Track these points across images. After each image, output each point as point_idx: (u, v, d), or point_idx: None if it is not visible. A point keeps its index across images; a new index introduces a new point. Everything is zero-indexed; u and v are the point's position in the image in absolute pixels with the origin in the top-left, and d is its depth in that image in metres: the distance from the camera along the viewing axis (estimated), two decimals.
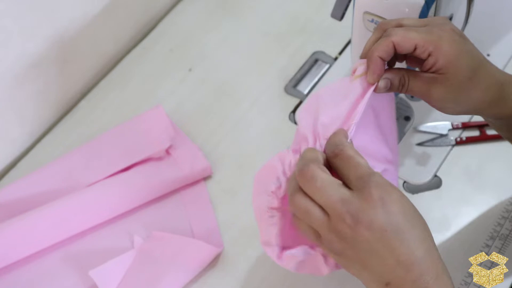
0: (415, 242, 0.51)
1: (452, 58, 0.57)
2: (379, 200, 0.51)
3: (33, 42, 0.82)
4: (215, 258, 0.76)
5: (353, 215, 0.51)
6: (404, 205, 0.52)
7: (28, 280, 0.76)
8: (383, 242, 0.51)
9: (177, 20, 0.99)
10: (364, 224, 0.51)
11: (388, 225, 0.51)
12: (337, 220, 0.52)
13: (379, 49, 0.57)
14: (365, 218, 0.51)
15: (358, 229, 0.51)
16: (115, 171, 0.81)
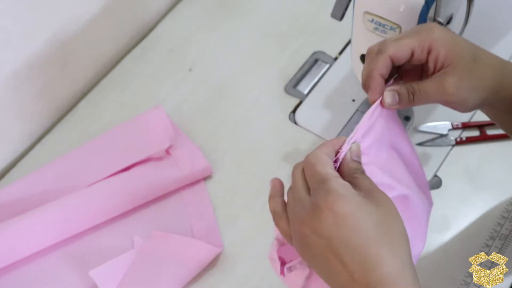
0: (374, 262, 0.48)
1: (451, 45, 0.56)
2: (325, 209, 0.49)
3: (33, 42, 0.82)
4: (215, 258, 0.76)
5: (302, 219, 0.51)
6: (361, 221, 0.49)
7: (28, 280, 0.76)
8: (332, 252, 0.49)
9: (177, 20, 0.99)
10: (312, 232, 0.50)
11: (335, 236, 0.49)
12: (292, 222, 0.52)
13: (378, 67, 0.56)
14: (312, 226, 0.50)
15: (303, 228, 0.51)
16: (115, 171, 0.81)
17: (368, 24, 0.67)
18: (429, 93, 0.57)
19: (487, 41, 0.89)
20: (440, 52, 0.56)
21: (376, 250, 0.48)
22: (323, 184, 0.51)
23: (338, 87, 0.89)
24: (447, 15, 0.70)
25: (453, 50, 0.57)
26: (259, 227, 0.78)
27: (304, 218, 0.51)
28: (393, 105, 0.57)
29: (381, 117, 0.58)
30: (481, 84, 0.58)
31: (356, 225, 0.49)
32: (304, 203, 0.52)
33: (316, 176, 0.52)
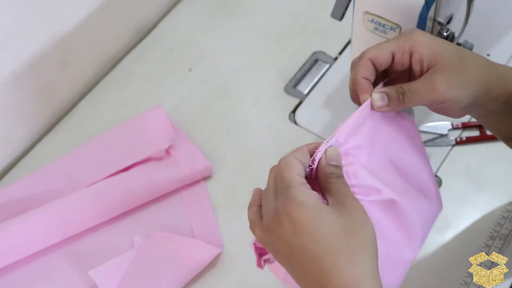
0: (330, 271, 0.48)
1: (434, 46, 0.56)
2: (284, 215, 0.50)
3: (33, 42, 0.82)
4: (215, 258, 0.76)
5: (267, 224, 0.52)
6: (320, 229, 0.49)
7: (28, 280, 0.76)
8: (295, 259, 0.50)
9: (177, 20, 0.99)
10: (275, 236, 0.51)
11: (295, 242, 0.49)
12: (263, 225, 0.53)
13: (359, 70, 0.56)
14: (274, 231, 0.51)
15: (270, 234, 0.51)
16: (115, 171, 0.81)
17: (368, 24, 0.67)
18: (420, 92, 0.56)
19: (487, 41, 0.89)
20: (423, 53, 0.56)
21: (332, 259, 0.48)
22: (285, 191, 0.51)
23: (338, 87, 0.89)
24: (447, 15, 0.70)
25: (436, 51, 0.56)
26: None
27: (269, 223, 0.51)
28: (383, 107, 0.57)
29: (372, 119, 0.57)
30: (470, 82, 0.57)
31: (314, 233, 0.49)
32: (270, 207, 0.52)
33: (282, 181, 0.52)
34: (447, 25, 0.70)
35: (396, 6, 0.64)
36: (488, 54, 0.89)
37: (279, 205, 0.50)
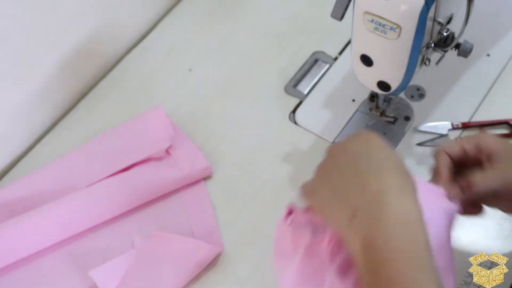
0: (389, 174, 0.53)
1: (499, 143, 0.63)
2: (364, 135, 0.58)
3: (33, 43, 0.82)
4: (215, 258, 0.76)
5: (334, 148, 0.59)
6: (389, 153, 0.56)
7: (28, 280, 0.76)
8: (354, 165, 0.55)
9: (177, 20, 0.99)
10: (341, 150, 0.58)
11: (361, 152, 0.55)
12: (326, 158, 0.59)
13: (441, 161, 0.64)
14: (343, 146, 0.58)
15: (334, 156, 0.58)
16: (115, 171, 0.81)
17: (368, 24, 0.67)
18: (491, 181, 0.62)
19: (487, 41, 0.89)
20: (491, 149, 0.62)
21: (393, 167, 0.54)
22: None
23: (338, 87, 0.89)
24: (447, 15, 0.70)
25: (502, 147, 0.62)
26: (259, 227, 0.78)
27: (337, 145, 0.60)
28: (456, 196, 0.61)
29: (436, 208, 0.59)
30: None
31: (384, 147, 0.57)
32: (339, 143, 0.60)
33: None
34: (447, 25, 0.70)
35: (396, 6, 0.64)
36: (488, 54, 0.89)
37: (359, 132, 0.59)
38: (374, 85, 0.75)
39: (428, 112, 0.85)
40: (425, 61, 0.73)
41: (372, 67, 0.72)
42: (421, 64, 0.73)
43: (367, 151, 0.56)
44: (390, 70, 0.72)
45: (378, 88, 0.75)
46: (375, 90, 0.76)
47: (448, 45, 0.71)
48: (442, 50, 0.71)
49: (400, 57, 0.69)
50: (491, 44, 0.89)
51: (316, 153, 0.83)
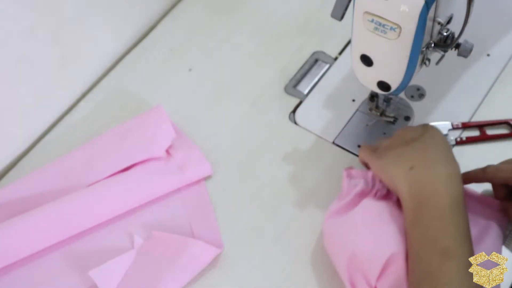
0: (446, 149, 0.68)
1: None
2: (432, 128, 0.71)
3: (33, 42, 0.82)
4: (215, 258, 0.76)
5: (406, 129, 0.73)
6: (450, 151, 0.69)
7: (28, 280, 0.76)
8: (422, 141, 0.68)
9: (177, 20, 0.99)
10: (413, 132, 0.71)
11: (431, 137, 0.69)
12: (395, 135, 0.73)
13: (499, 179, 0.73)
14: (411, 131, 0.71)
15: (405, 133, 0.72)
16: (115, 171, 0.81)
17: (368, 24, 0.67)
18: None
19: (487, 41, 0.89)
20: None
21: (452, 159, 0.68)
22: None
23: (338, 87, 0.89)
24: (447, 15, 0.70)
25: None
26: (259, 227, 0.78)
27: (405, 128, 0.73)
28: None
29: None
30: None
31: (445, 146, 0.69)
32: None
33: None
34: (447, 25, 0.70)
35: (396, 6, 0.64)
36: (488, 54, 0.89)
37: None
38: (374, 85, 0.75)
39: (428, 112, 0.85)
40: (425, 61, 0.73)
41: (372, 67, 0.72)
42: (421, 64, 0.73)
43: (434, 139, 0.69)
44: (390, 70, 0.72)
45: (378, 88, 0.75)
46: (375, 90, 0.76)
47: (448, 45, 0.71)
48: (442, 50, 0.71)
49: (400, 57, 0.69)
50: (491, 44, 0.89)
51: (316, 153, 0.83)
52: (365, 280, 0.67)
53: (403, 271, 0.66)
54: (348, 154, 0.83)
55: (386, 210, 0.71)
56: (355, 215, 0.72)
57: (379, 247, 0.68)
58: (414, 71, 0.71)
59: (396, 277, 0.66)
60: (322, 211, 0.77)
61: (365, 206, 0.72)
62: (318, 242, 0.76)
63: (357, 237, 0.70)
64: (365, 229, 0.70)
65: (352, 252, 0.68)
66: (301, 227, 0.78)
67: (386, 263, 0.66)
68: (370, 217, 0.71)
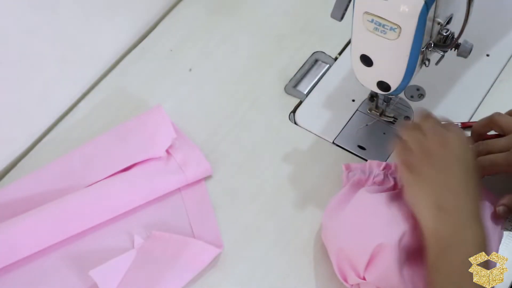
0: (472, 184, 0.67)
1: None
2: (463, 140, 0.70)
3: (33, 42, 0.82)
4: (215, 258, 0.76)
5: (443, 135, 0.69)
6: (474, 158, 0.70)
7: (28, 280, 0.76)
8: (453, 165, 0.67)
9: (177, 20, 0.99)
10: (446, 144, 0.68)
11: (463, 155, 0.68)
12: (430, 137, 0.69)
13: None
14: (449, 139, 0.69)
15: (441, 145, 0.68)
16: (115, 171, 0.81)
17: (368, 24, 0.67)
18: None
19: (487, 41, 0.89)
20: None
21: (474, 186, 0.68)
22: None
23: (338, 87, 0.89)
24: (447, 15, 0.70)
25: None
26: (259, 227, 0.78)
27: (438, 132, 0.70)
28: (505, 214, 0.74)
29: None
30: None
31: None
32: (445, 131, 0.71)
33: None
34: (447, 25, 0.70)
35: (396, 6, 0.64)
36: (487, 54, 0.89)
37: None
38: (374, 85, 0.75)
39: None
40: (425, 61, 0.73)
41: (372, 67, 0.72)
42: (421, 64, 0.73)
43: (464, 157, 0.68)
44: (390, 70, 0.72)
45: (378, 88, 0.75)
46: (375, 90, 0.76)
47: (448, 45, 0.71)
48: (442, 50, 0.71)
49: (400, 57, 0.69)
50: (490, 44, 0.89)
51: (316, 153, 0.83)
52: (354, 271, 0.69)
53: (392, 260, 0.67)
54: (348, 154, 0.83)
55: (377, 203, 0.72)
56: (347, 210, 0.73)
57: (365, 239, 0.69)
58: (414, 71, 0.71)
59: (384, 266, 0.67)
60: (322, 211, 0.77)
61: (357, 200, 0.73)
62: (318, 242, 0.76)
63: (346, 232, 0.71)
64: (353, 224, 0.72)
65: (341, 246, 0.71)
66: (301, 227, 0.78)
67: (373, 253, 0.68)
68: (359, 212, 0.72)
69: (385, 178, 0.75)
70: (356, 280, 0.69)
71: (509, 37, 0.90)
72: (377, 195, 0.73)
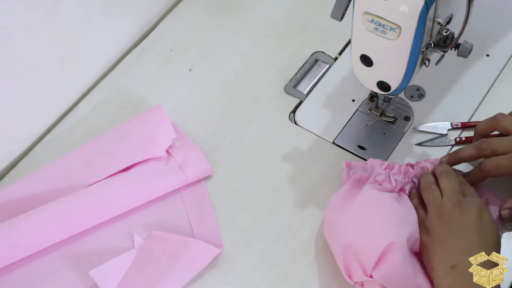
0: (488, 248, 0.66)
1: None
2: (483, 206, 0.70)
3: (33, 42, 0.82)
4: (215, 258, 0.76)
5: (459, 200, 0.70)
6: (493, 224, 0.70)
7: (28, 280, 0.76)
8: (467, 229, 0.68)
9: (177, 20, 0.99)
10: (462, 209, 0.69)
11: (477, 220, 0.68)
12: (446, 200, 0.70)
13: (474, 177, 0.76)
14: (464, 205, 0.69)
15: (455, 209, 0.69)
16: (115, 171, 0.81)
17: (368, 24, 0.67)
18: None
19: (487, 41, 0.89)
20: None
21: (491, 245, 0.68)
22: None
23: (338, 87, 0.89)
24: (447, 15, 0.70)
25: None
26: (259, 227, 0.78)
27: (462, 202, 0.70)
28: (510, 217, 0.75)
29: None
30: None
31: (491, 224, 0.71)
32: (463, 196, 0.72)
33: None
34: (446, 25, 0.70)
35: (396, 6, 0.64)
36: (487, 54, 0.89)
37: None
38: (374, 85, 0.75)
39: (428, 112, 0.85)
40: (425, 61, 0.73)
41: (372, 67, 0.72)
42: (421, 64, 0.73)
43: (479, 225, 0.69)
44: (390, 70, 0.72)
45: (378, 88, 0.75)
46: (375, 90, 0.76)
47: (447, 45, 0.71)
48: (441, 50, 0.71)
49: (400, 57, 0.69)
50: (490, 44, 0.89)
51: (316, 153, 0.83)
52: (361, 269, 0.69)
53: (399, 260, 0.67)
54: (348, 154, 0.83)
55: (385, 201, 0.72)
56: (354, 205, 0.73)
57: (376, 237, 0.69)
58: (413, 71, 0.71)
59: (391, 265, 0.67)
60: (322, 211, 0.77)
61: (364, 196, 0.73)
62: (318, 242, 0.76)
63: (354, 228, 0.71)
64: (363, 220, 0.71)
65: (349, 242, 0.70)
66: (301, 227, 0.78)
67: (383, 252, 0.67)
68: (368, 208, 0.72)
69: (387, 178, 0.75)
70: (362, 278, 0.69)
71: (509, 37, 0.90)
72: (384, 193, 0.73)
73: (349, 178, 0.77)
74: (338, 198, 0.75)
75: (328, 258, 0.74)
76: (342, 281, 0.73)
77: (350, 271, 0.71)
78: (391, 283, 0.68)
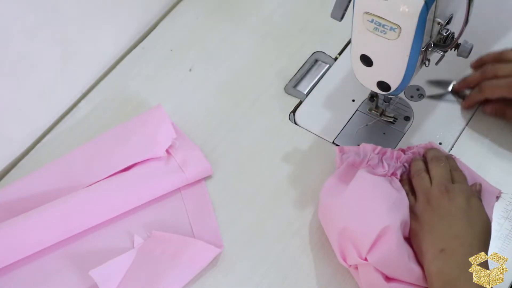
0: (476, 232, 0.68)
1: None
2: (471, 193, 0.72)
3: (33, 42, 0.82)
4: (215, 258, 0.76)
5: (447, 188, 0.71)
6: (482, 210, 0.71)
7: (28, 280, 0.76)
8: (455, 215, 0.69)
9: (177, 20, 0.99)
10: (450, 196, 0.70)
11: (465, 206, 0.69)
12: (435, 187, 0.72)
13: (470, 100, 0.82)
14: (452, 192, 0.71)
15: (443, 197, 0.70)
16: (115, 171, 0.81)
17: (368, 24, 0.67)
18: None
19: (487, 41, 0.89)
20: None
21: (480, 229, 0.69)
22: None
23: (338, 87, 0.89)
24: (447, 15, 0.70)
25: None
26: (259, 227, 0.78)
27: (450, 189, 0.72)
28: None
29: None
30: None
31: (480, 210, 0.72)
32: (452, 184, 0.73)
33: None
34: (446, 25, 0.70)
35: (396, 6, 0.64)
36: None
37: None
38: (374, 85, 0.75)
39: (428, 112, 0.85)
40: (425, 61, 0.73)
41: (372, 67, 0.72)
42: (421, 64, 0.73)
43: (468, 211, 0.70)
44: (390, 70, 0.72)
45: (378, 88, 0.75)
46: (375, 90, 0.76)
47: (447, 45, 0.71)
48: (441, 50, 0.71)
49: (400, 57, 0.69)
50: (491, 44, 0.89)
51: (316, 153, 0.83)
52: (356, 252, 0.69)
53: (394, 244, 0.68)
54: None
55: (380, 185, 0.73)
56: (348, 190, 0.74)
57: (371, 221, 0.70)
58: (413, 71, 0.71)
59: (386, 249, 0.68)
60: None
61: (359, 180, 0.74)
62: (318, 242, 0.76)
63: (350, 212, 0.72)
64: (358, 204, 0.72)
65: (344, 225, 0.71)
66: (301, 227, 0.78)
67: (379, 235, 0.68)
68: (362, 193, 0.73)
69: (379, 163, 0.76)
70: (357, 261, 0.69)
71: (509, 37, 0.90)
72: (378, 177, 0.74)
73: (342, 163, 0.78)
74: (333, 181, 0.76)
75: (328, 258, 0.74)
76: (342, 281, 0.73)
77: (345, 254, 0.71)
78: (385, 267, 0.68)
